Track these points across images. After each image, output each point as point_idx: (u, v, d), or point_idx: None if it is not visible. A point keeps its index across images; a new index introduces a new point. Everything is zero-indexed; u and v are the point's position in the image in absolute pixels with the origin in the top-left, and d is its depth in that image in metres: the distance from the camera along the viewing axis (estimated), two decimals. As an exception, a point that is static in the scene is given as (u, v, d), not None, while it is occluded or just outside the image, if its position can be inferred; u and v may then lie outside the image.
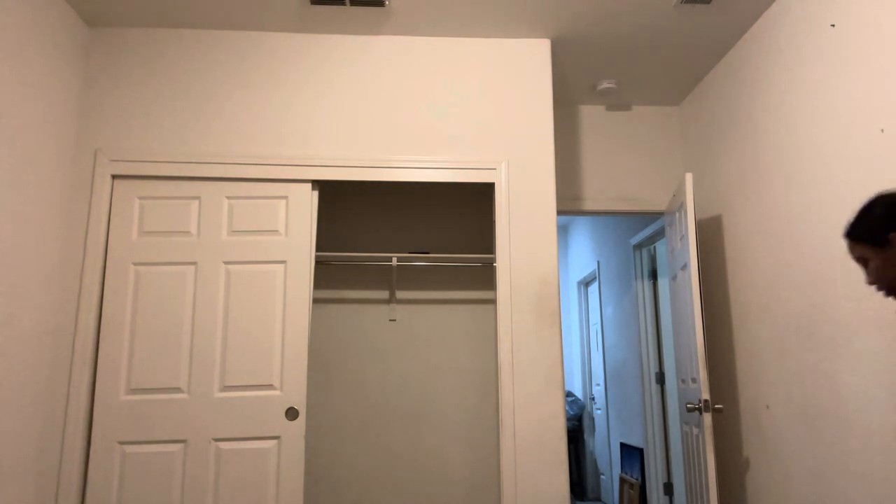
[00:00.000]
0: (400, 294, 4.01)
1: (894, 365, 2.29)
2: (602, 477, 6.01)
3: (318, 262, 3.74)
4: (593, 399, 6.34)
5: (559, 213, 3.97)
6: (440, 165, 3.26)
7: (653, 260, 4.84)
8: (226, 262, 3.12)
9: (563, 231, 7.23)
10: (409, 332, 3.96)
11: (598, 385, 6.17)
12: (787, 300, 2.94)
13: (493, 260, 3.35)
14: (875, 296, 2.38)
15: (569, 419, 6.39)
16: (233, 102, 3.26)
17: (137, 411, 2.95)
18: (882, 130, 2.37)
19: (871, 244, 1.61)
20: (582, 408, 6.53)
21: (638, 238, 4.82)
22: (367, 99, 3.32)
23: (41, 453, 2.86)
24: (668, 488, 4.52)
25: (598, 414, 6.12)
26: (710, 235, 3.77)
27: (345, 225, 4.09)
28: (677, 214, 3.65)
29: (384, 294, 4.00)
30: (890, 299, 2.30)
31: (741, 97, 3.41)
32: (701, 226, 3.90)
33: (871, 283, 1.64)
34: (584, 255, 6.49)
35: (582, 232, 6.58)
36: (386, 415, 3.85)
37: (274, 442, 2.99)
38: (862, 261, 1.65)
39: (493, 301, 4.02)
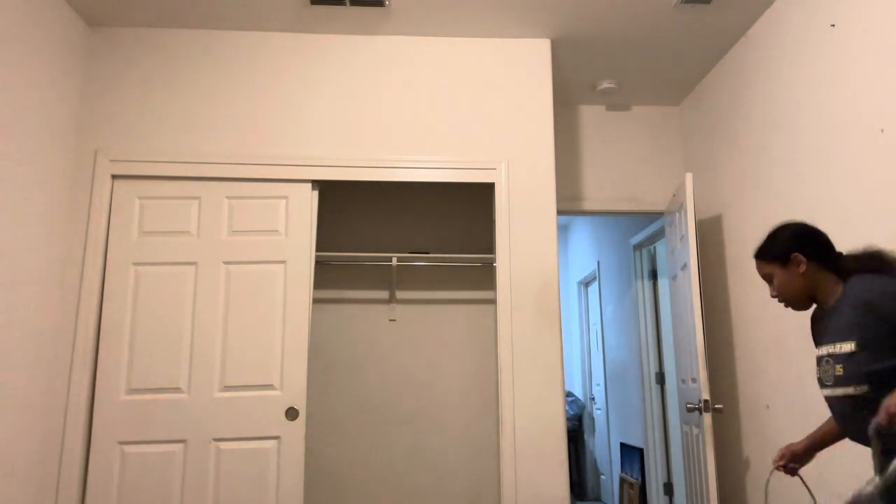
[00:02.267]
0: (400, 294, 4.01)
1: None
2: (602, 477, 6.01)
3: (318, 262, 3.74)
4: (593, 399, 6.34)
5: (559, 213, 3.97)
6: (440, 165, 3.26)
7: (653, 260, 4.84)
8: (226, 262, 3.12)
9: (563, 231, 7.23)
10: (409, 332, 3.96)
11: (598, 385, 6.17)
12: None
13: (493, 260, 3.35)
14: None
15: (569, 419, 6.39)
16: (233, 102, 3.26)
17: (137, 411, 2.95)
18: (882, 130, 2.37)
19: (778, 262, 1.89)
20: (582, 408, 6.53)
21: (638, 238, 4.82)
22: (367, 99, 3.32)
23: (41, 453, 2.86)
24: (668, 488, 4.52)
25: (598, 414, 6.12)
26: (710, 235, 3.77)
27: (345, 225, 4.09)
28: (677, 214, 3.65)
29: (384, 294, 4.00)
30: None
31: (741, 97, 3.41)
32: (701, 226, 3.90)
33: (774, 296, 1.92)
34: (584, 255, 6.49)
35: (582, 232, 6.58)
36: (386, 415, 3.85)
37: (274, 442, 2.99)
38: (768, 277, 1.92)
39: (493, 301, 4.02)
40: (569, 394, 6.66)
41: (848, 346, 1.76)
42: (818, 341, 1.92)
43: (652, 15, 3.23)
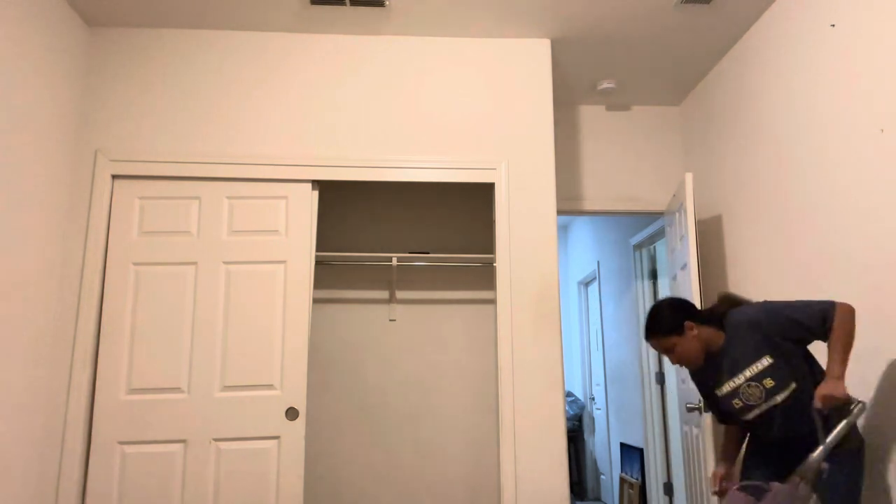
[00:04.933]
0: (400, 294, 4.01)
1: (893, 364, 2.29)
2: (602, 477, 6.01)
3: (318, 262, 3.74)
4: (593, 399, 6.34)
5: (559, 213, 3.97)
6: (440, 165, 3.26)
7: (653, 260, 4.84)
8: (226, 262, 3.12)
9: (563, 231, 7.23)
10: (409, 331, 3.96)
11: (598, 385, 6.17)
12: (787, 300, 2.94)
13: (493, 260, 3.35)
14: (875, 295, 2.39)
15: (569, 419, 6.40)
16: (233, 102, 3.26)
17: (137, 411, 2.95)
18: (882, 130, 2.37)
19: (675, 333, 2.19)
20: (582, 408, 6.53)
21: (638, 238, 4.82)
22: (367, 99, 3.32)
23: (41, 453, 2.86)
24: (668, 488, 4.52)
25: (598, 414, 6.12)
26: (710, 235, 3.77)
27: (345, 225, 4.09)
28: (677, 214, 3.65)
29: (384, 294, 4.00)
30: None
31: (741, 97, 3.41)
32: (701, 226, 3.90)
33: (676, 362, 2.22)
34: (584, 255, 6.49)
35: (582, 232, 6.58)
36: (386, 414, 3.85)
37: (274, 442, 2.99)
38: (669, 349, 2.20)
39: (493, 301, 4.02)
40: (569, 394, 6.66)
41: (766, 361, 2.09)
42: (719, 381, 2.21)
43: (652, 15, 3.23)
